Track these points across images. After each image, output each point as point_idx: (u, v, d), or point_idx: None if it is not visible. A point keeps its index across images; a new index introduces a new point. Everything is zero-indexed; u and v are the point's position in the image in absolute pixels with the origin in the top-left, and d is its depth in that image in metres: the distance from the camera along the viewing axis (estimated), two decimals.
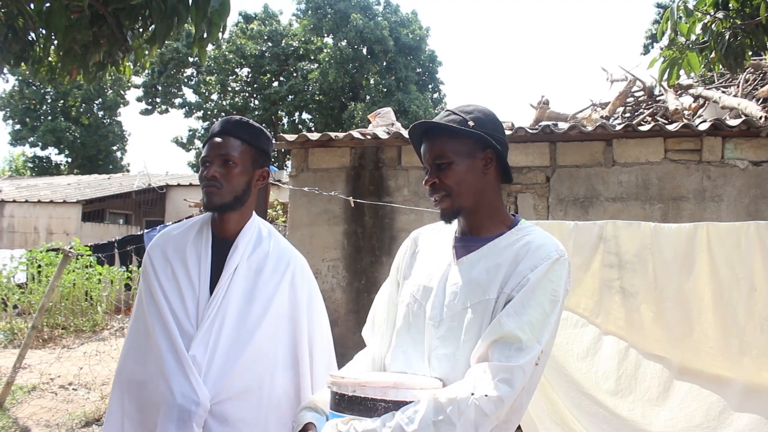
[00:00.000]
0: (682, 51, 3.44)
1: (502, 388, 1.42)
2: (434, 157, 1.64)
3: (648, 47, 19.06)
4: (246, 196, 1.98)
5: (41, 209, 16.68)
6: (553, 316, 1.52)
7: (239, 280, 1.94)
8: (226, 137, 1.95)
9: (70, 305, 9.72)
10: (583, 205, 4.98)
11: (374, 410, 1.46)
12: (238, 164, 1.94)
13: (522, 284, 1.53)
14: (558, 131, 4.99)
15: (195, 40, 2.89)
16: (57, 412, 5.71)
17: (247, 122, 2.01)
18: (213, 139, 1.97)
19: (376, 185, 5.52)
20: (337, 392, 1.52)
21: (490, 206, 1.67)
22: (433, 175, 1.65)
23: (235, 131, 1.97)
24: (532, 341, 1.47)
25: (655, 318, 2.81)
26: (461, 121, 1.63)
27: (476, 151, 1.63)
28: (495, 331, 1.49)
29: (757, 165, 4.70)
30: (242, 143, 1.96)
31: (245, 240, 1.99)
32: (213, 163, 1.93)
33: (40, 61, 3.49)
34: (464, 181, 1.63)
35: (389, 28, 26.13)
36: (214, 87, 28.25)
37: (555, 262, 1.55)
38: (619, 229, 2.93)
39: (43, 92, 29.28)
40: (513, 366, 1.44)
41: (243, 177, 1.96)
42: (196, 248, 1.99)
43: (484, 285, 1.57)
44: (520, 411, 1.54)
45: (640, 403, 2.77)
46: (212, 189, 1.92)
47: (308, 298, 2.04)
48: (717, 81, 7.31)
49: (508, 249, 1.60)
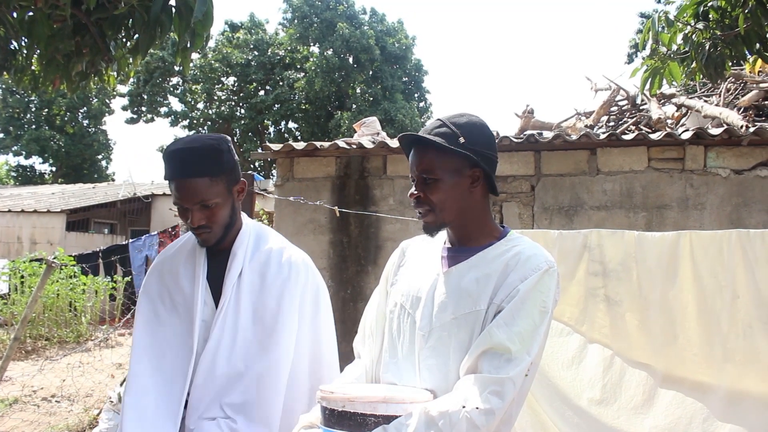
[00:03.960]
0: (664, 61, 3.48)
1: (493, 401, 1.42)
2: (421, 171, 1.63)
3: (632, 56, 19.24)
4: (234, 218, 1.94)
5: (25, 219, 16.49)
6: (542, 327, 1.53)
7: (245, 287, 1.90)
8: (191, 180, 1.80)
9: (54, 316, 9.63)
10: (568, 213, 5.00)
11: (364, 425, 1.45)
12: (214, 199, 1.83)
13: (512, 295, 1.53)
14: (543, 140, 5.02)
15: (178, 50, 2.88)
16: (39, 425, 5.63)
17: (201, 152, 1.82)
18: (180, 184, 1.82)
19: (362, 194, 5.52)
20: (327, 407, 1.51)
21: (476, 219, 1.67)
22: (419, 188, 1.64)
23: (198, 170, 1.80)
24: (522, 352, 1.47)
25: (640, 326, 2.83)
26: (452, 135, 1.60)
27: (464, 168, 1.62)
28: (485, 342, 1.49)
29: (738, 173, 4.75)
30: (210, 179, 1.81)
31: (243, 246, 1.94)
32: (193, 211, 1.83)
33: (23, 70, 3.46)
34: (449, 198, 1.62)
35: (375, 37, 26.18)
36: (200, 96, 28.13)
37: (545, 273, 1.55)
38: (603, 238, 2.95)
39: (27, 101, 29.00)
40: (503, 378, 1.44)
41: (226, 208, 1.88)
42: (191, 265, 1.94)
43: (474, 296, 1.57)
44: (509, 422, 1.54)
45: (625, 411, 2.77)
46: (204, 235, 1.87)
47: (315, 293, 2.00)
48: (699, 90, 7.39)
49: (497, 259, 1.60)
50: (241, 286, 1.90)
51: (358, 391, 1.53)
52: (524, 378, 1.48)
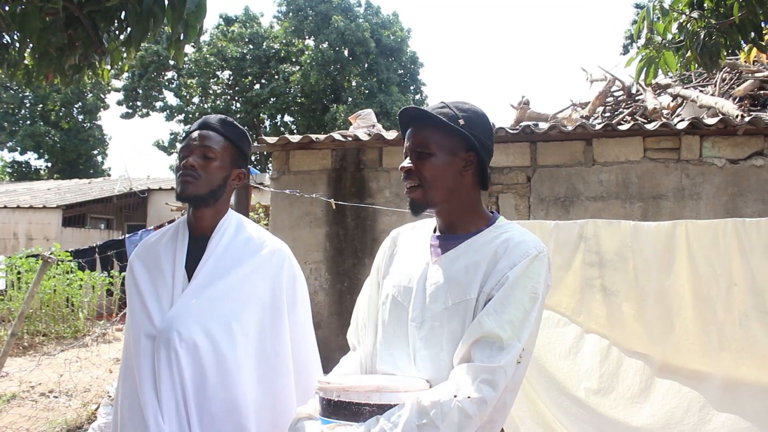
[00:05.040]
0: (659, 50, 3.47)
1: (485, 389, 1.41)
2: (416, 145, 1.62)
3: (627, 47, 19.25)
4: (221, 192, 1.97)
5: (21, 215, 16.46)
6: (533, 314, 1.51)
7: (217, 270, 1.92)
8: (209, 131, 1.96)
9: (51, 312, 9.61)
10: (564, 204, 5.00)
11: (359, 414, 1.46)
12: (217, 158, 1.93)
13: (501, 282, 1.51)
14: (538, 131, 5.02)
15: (172, 42, 2.86)
16: (37, 420, 5.62)
17: (231, 122, 2.02)
18: (195, 132, 1.97)
19: (358, 187, 5.52)
20: (324, 398, 1.53)
21: (464, 205, 1.66)
22: (411, 161, 1.63)
23: (219, 128, 1.97)
24: (513, 340, 1.46)
25: (636, 315, 2.83)
26: (453, 116, 1.61)
27: (459, 150, 1.62)
28: (476, 331, 1.48)
29: (734, 163, 4.76)
30: (224, 139, 1.96)
31: (221, 232, 1.97)
32: (193, 154, 1.92)
33: (16, 64, 3.44)
34: (440, 176, 1.61)
35: (370, 30, 26.13)
36: (195, 90, 28.05)
37: (534, 258, 1.54)
38: (599, 228, 2.95)
39: (21, 96, 28.89)
40: (494, 366, 1.43)
41: (221, 172, 1.95)
42: (172, 247, 1.98)
43: (463, 284, 1.56)
44: (504, 410, 1.53)
45: (622, 401, 2.78)
46: (189, 178, 1.90)
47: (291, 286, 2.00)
48: (695, 80, 7.39)
49: (486, 246, 1.59)
50: (213, 271, 1.92)
51: (353, 381, 1.54)
52: (516, 365, 1.47)
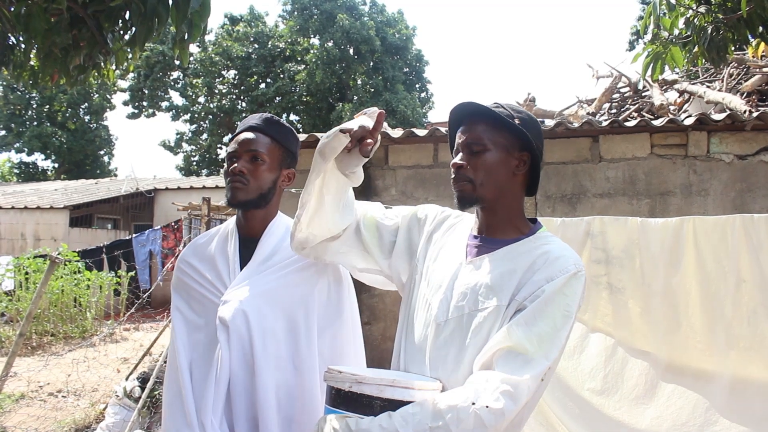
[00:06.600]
0: (666, 45, 3.45)
1: (505, 401, 1.35)
2: (471, 140, 1.59)
3: (633, 43, 19.13)
4: (271, 195, 1.95)
5: (28, 215, 16.51)
6: (563, 332, 1.47)
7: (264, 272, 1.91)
8: (255, 133, 1.92)
9: (59, 312, 9.66)
10: (571, 201, 4.98)
11: (370, 408, 1.40)
12: (266, 161, 1.91)
13: (536, 295, 1.47)
14: (545, 128, 4.99)
15: (176, 41, 2.86)
16: (46, 420, 5.65)
17: (278, 121, 1.98)
18: (241, 135, 1.93)
19: (364, 185, 5.47)
20: (334, 387, 1.48)
21: (510, 208, 1.62)
22: (464, 158, 1.60)
23: (265, 128, 1.94)
24: (540, 355, 1.42)
25: (643, 313, 2.81)
26: (508, 115, 1.59)
27: (514, 149, 1.59)
28: (502, 340, 1.43)
29: (742, 159, 4.72)
30: (271, 141, 1.93)
31: (269, 235, 1.96)
32: (240, 158, 1.89)
33: (22, 65, 3.45)
34: (493, 172, 1.57)
35: (376, 28, 26.08)
36: (200, 89, 28.08)
37: (572, 276, 1.49)
38: (606, 225, 2.94)
39: (28, 98, 28.99)
40: (518, 380, 1.38)
41: (270, 175, 1.93)
42: (224, 248, 1.97)
43: (495, 290, 1.51)
44: (519, 425, 1.47)
45: (627, 402, 2.76)
46: (238, 184, 1.88)
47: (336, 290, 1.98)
48: (702, 76, 7.34)
49: (524, 256, 1.54)
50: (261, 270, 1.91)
51: (367, 372, 1.49)
52: (540, 383, 1.42)
